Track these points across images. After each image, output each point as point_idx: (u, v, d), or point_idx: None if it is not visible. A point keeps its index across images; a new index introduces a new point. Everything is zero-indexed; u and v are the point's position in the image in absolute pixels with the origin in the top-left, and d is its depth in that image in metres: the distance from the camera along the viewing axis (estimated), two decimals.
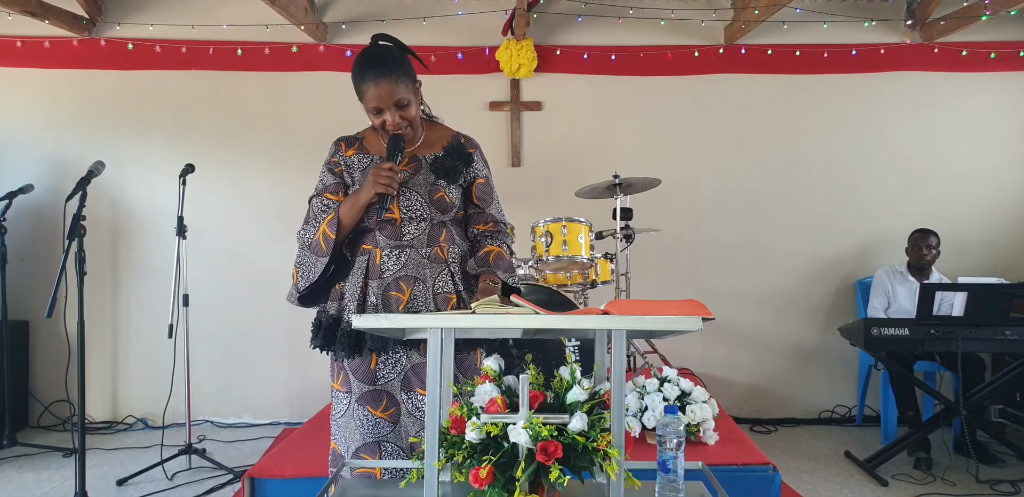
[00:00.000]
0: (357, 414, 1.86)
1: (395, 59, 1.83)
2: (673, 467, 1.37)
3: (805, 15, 4.37)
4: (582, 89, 4.50)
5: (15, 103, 4.38)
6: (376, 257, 1.86)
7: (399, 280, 1.85)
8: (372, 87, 1.78)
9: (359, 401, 1.86)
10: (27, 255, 4.30)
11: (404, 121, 1.84)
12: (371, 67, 1.80)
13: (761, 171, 4.49)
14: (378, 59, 1.82)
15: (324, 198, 1.92)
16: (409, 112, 1.84)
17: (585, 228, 3.62)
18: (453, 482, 1.33)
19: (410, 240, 1.86)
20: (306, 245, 1.88)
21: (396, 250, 1.86)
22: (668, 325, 1.29)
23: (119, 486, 3.24)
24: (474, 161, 1.96)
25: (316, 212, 1.91)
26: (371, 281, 1.85)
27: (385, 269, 1.85)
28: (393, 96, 1.79)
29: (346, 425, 1.89)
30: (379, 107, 1.81)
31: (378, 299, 1.84)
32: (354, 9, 4.44)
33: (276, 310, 4.39)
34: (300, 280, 1.90)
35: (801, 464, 3.56)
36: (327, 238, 1.82)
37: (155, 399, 4.12)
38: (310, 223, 1.91)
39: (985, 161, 4.46)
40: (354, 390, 1.87)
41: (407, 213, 1.85)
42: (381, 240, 1.86)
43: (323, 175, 1.98)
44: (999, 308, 3.24)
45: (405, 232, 1.86)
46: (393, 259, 1.86)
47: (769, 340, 4.49)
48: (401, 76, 1.80)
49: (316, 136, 4.50)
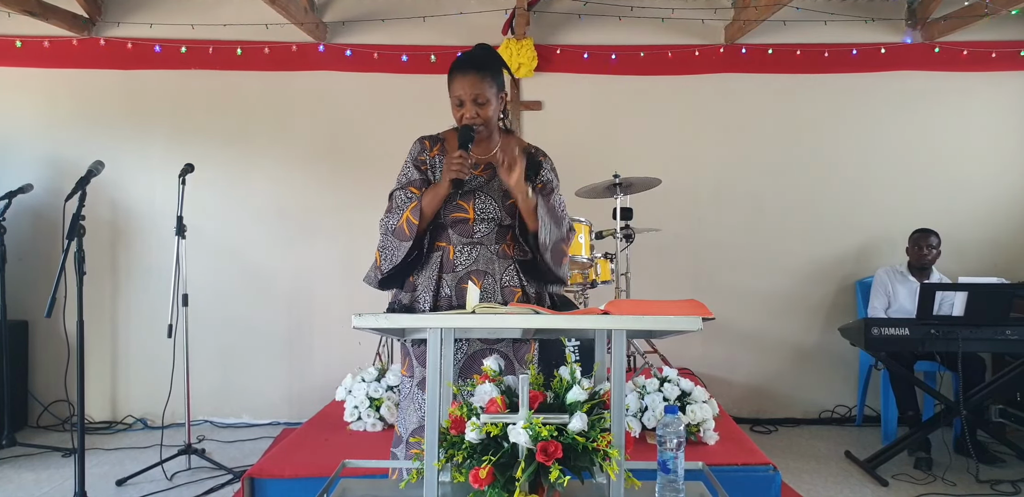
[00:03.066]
0: (417, 398, 2.00)
1: (489, 61, 2.03)
2: (673, 467, 1.36)
3: (805, 14, 4.37)
4: (582, 89, 4.50)
5: (15, 103, 4.37)
6: (450, 253, 2.02)
7: (471, 274, 2.01)
8: (459, 78, 1.96)
9: (420, 385, 1.98)
10: (27, 255, 4.30)
11: (479, 117, 1.98)
12: (466, 62, 1.99)
13: (761, 171, 4.49)
14: (476, 58, 2.02)
15: (408, 191, 2.04)
16: (487, 111, 1.98)
17: (585, 228, 3.61)
18: (453, 482, 1.33)
19: (480, 238, 2.03)
20: (390, 231, 2.01)
21: (468, 247, 2.03)
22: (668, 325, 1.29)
23: (119, 486, 3.23)
24: (543, 168, 2.13)
25: (399, 203, 2.03)
26: (445, 275, 2.01)
27: (458, 264, 2.02)
28: (475, 90, 1.95)
29: (406, 408, 2.05)
30: (460, 98, 1.97)
31: (452, 291, 1.99)
32: (354, 8, 4.44)
33: (276, 310, 4.39)
34: (384, 263, 2.03)
35: (801, 464, 3.55)
36: (411, 224, 1.96)
37: (154, 399, 4.10)
38: (393, 212, 2.03)
39: (985, 161, 4.46)
40: (416, 375, 2.02)
41: (480, 214, 2.01)
42: (454, 237, 2.03)
43: (408, 170, 2.09)
44: (999, 308, 3.24)
45: (476, 231, 2.03)
46: (465, 255, 2.02)
47: (769, 340, 4.49)
48: (488, 76, 1.97)
49: (316, 136, 4.54)
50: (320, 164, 4.42)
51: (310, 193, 4.42)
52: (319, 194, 4.42)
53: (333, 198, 4.42)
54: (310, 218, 4.41)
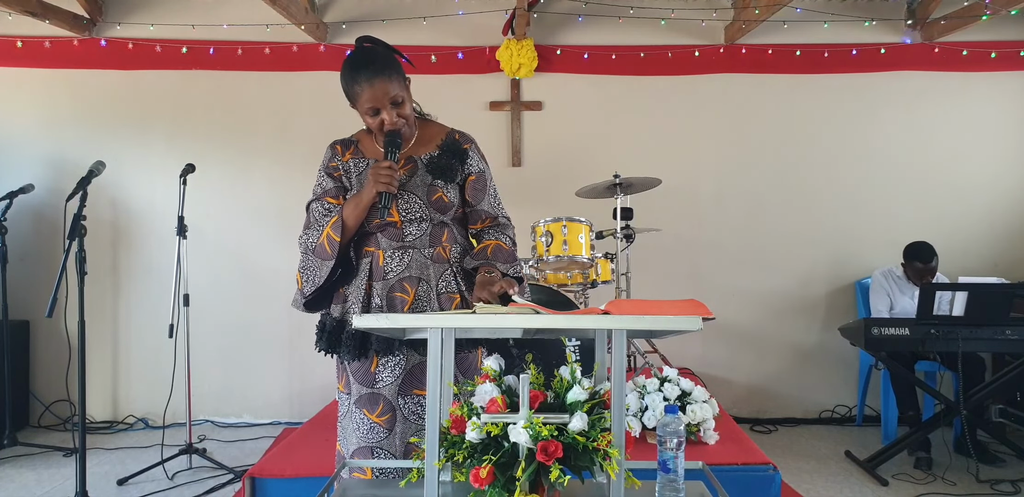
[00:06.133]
0: (355, 417, 1.86)
1: (383, 58, 1.82)
2: (673, 467, 1.37)
3: (805, 15, 4.37)
4: (582, 89, 4.50)
5: (15, 103, 4.38)
6: (379, 259, 1.86)
7: (403, 281, 1.85)
8: (367, 87, 1.77)
9: (357, 404, 1.86)
10: (27, 255, 4.30)
11: (401, 119, 1.83)
12: (362, 68, 1.79)
13: (761, 171, 4.49)
14: (367, 60, 1.81)
15: (324, 202, 1.90)
16: (405, 109, 1.84)
17: (585, 228, 3.62)
18: (453, 482, 1.33)
19: (412, 241, 1.86)
20: (310, 250, 1.87)
21: (399, 251, 1.86)
22: (668, 325, 1.29)
23: (119, 486, 3.24)
24: (469, 157, 1.94)
25: (317, 217, 1.89)
26: (375, 283, 1.86)
27: (388, 270, 1.85)
28: (388, 93, 1.78)
29: (346, 427, 1.91)
30: (376, 107, 1.80)
31: (383, 300, 1.84)
32: (354, 9, 4.44)
33: (277, 310, 4.39)
34: (306, 285, 1.87)
35: (801, 464, 3.56)
36: (332, 241, 1.81)
37: (155, 399, 4.12)
38: (312, 227, 1.89)
39: (985, 161, 4.46)
40: (353, 392, 1.88)
41: (407, 215, 1.85)
42: (383, 242, 1.87)
43: (321, 179, 1.96)
44: (999, 308, 3.24)
45: (407, 233, 1.86)
46: (396, 260, 1.86)
47: (769, 340, 4.49)
48: (393, 74, 1.80)
49: (316, 136, 4.50)
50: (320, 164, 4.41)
51: (310, 193, 4.39)
52: None
53: None
54: None
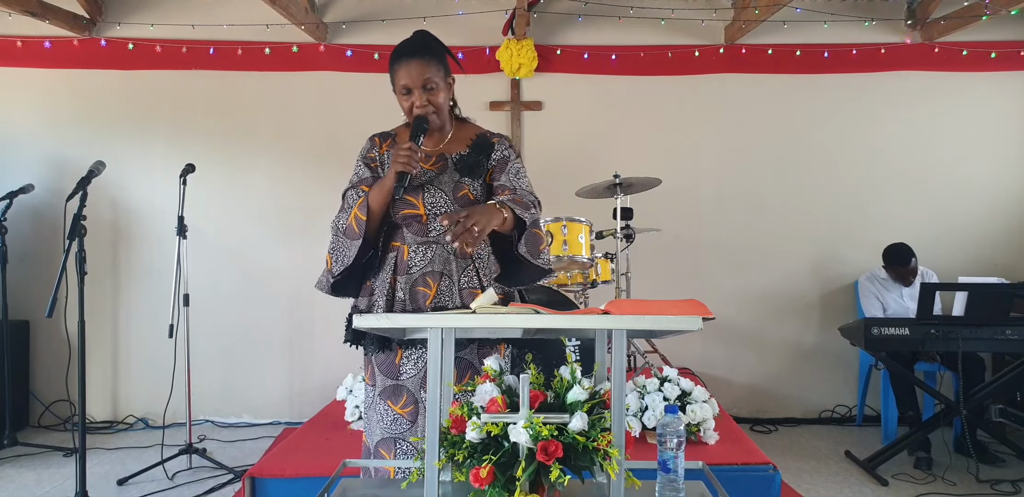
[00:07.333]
0: (379, 408, 1.90)
1: (429, 44, 1.88)
2: (673, 467, 1.37)
3: (805, 15, 4.37)
4: (582, 89, 4.50)
5: (15, 103, 4.38)
6: (404, 253, 1.90)
7: (426, 275, 1.88)
8: (403, 65, 1.83)
9: (381, 395, 1.90)
10: (27, 255, 4.30)
11: (430, 106, 1.85)
12: (406, 48, 1.86)
13: (761, 171, 4.49)
14: (412, 42, 1.88)
15: (359, 190, 1.94)
16: (437, 97, 1.86)
17: (585, 228, 3.62)
18: (453, 482, 1.33)
19: (436, 236, 1.89)
20: (340, 230, 1.91)
21: (423, 246, 1.89)
22: (668, 325, 1.29)
23: (120, 486, 3.24)
24: (495, 149, 1.97)
25: (349, 202, 1.94)
26: (399, 276, 1.89)
27: (412, 265, 1.89)
28: (422, 75, 1.82)
29: (370, 419, 1.94)
30: (408, 86, 1.84)
31: (406, 294, 1.87)
32: (354, 9, 4.44)
33: (276, 310, 4.40)
34: (335, 265, 1.91)
35: (801, 464, 3.56)
36: (359, 221, 1.85)
37: (155, 399, 4.11)
38: (343, 211, 1.93)
39: (985, 160, 4.46)
40: (378, 384, 1.91)
41: (432, 210, 1.87)
42: (408, 237, 1.90)
43: (358, 168, 2.00)
44: (999, 308, 3.24)
45: (431, 228, 1.89)
46: (420, 255, 1.89)
47: (769, 340, 4.49)
48: (432, 60, 1.85)
49: (316, 136, 4.54)
50: (320, 164, 4.42)
51: (310, 193, 4.42)
52: (319, 194, 4.41)
53: (333, 198, 4.38)
54: (310, 218, 4.41)
